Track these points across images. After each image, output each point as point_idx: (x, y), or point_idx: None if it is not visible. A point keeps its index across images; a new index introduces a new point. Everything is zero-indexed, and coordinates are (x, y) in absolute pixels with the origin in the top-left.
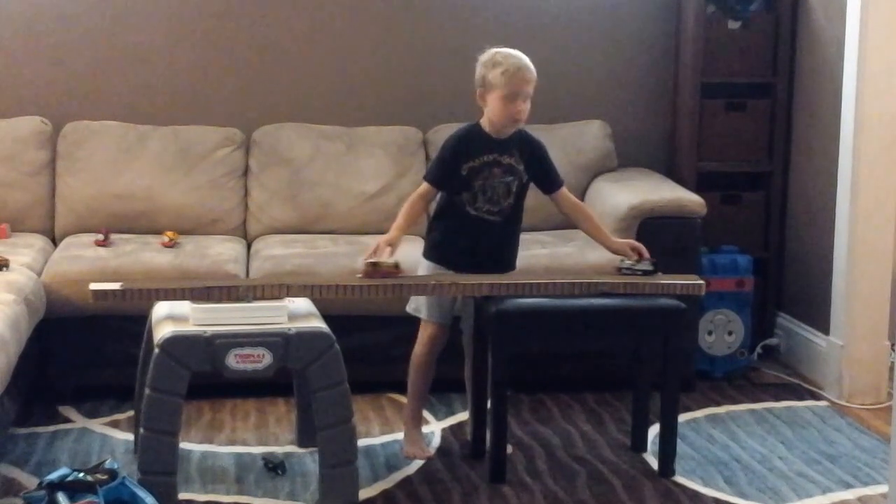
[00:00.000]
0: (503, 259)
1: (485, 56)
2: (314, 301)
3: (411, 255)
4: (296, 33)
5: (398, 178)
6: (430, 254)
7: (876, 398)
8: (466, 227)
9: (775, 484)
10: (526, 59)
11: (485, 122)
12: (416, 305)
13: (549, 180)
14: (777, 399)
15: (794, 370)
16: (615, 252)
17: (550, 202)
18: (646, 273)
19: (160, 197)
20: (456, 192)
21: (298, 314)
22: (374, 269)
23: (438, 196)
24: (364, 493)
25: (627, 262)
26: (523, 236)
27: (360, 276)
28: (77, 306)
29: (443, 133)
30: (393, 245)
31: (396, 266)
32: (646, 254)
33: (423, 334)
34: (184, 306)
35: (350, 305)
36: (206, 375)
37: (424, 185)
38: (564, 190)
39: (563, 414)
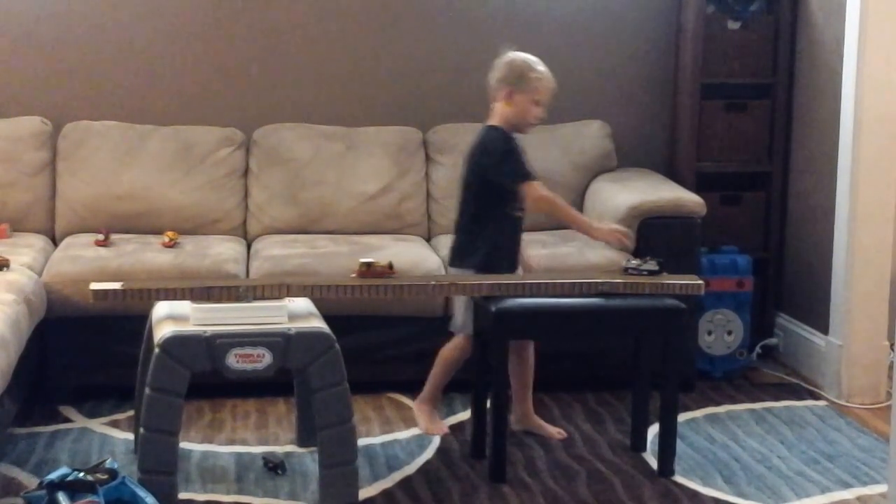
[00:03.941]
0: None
1: (516, 57)
2: (314, 301)
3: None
4: (296, 34)
5: (398, 179)
6: (468, 262)
7: (875, 398)
8: (508, 228)
9: (775, 484)
10: None
11: (502, 125)
12: (464, 322)
13: None
14: (776, 399)
15: (793, 370)
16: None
17: None
18: (651, 273)
19: (160, 197)
20: (506, 194)
21: (298, 314)
22: (368, 268)
23: (477, 202)
24: (364, 493)
25: (633, 262)
26: (523, 236)
27: (353, 275)
28: (77, 306)
29: (442, 133)
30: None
31: (390, 266)
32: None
33: (463, 342)
34: (184, 306)
35: (350, 305)
36: (206, 375)
37: (537, 182)
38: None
39: (563, 413)
